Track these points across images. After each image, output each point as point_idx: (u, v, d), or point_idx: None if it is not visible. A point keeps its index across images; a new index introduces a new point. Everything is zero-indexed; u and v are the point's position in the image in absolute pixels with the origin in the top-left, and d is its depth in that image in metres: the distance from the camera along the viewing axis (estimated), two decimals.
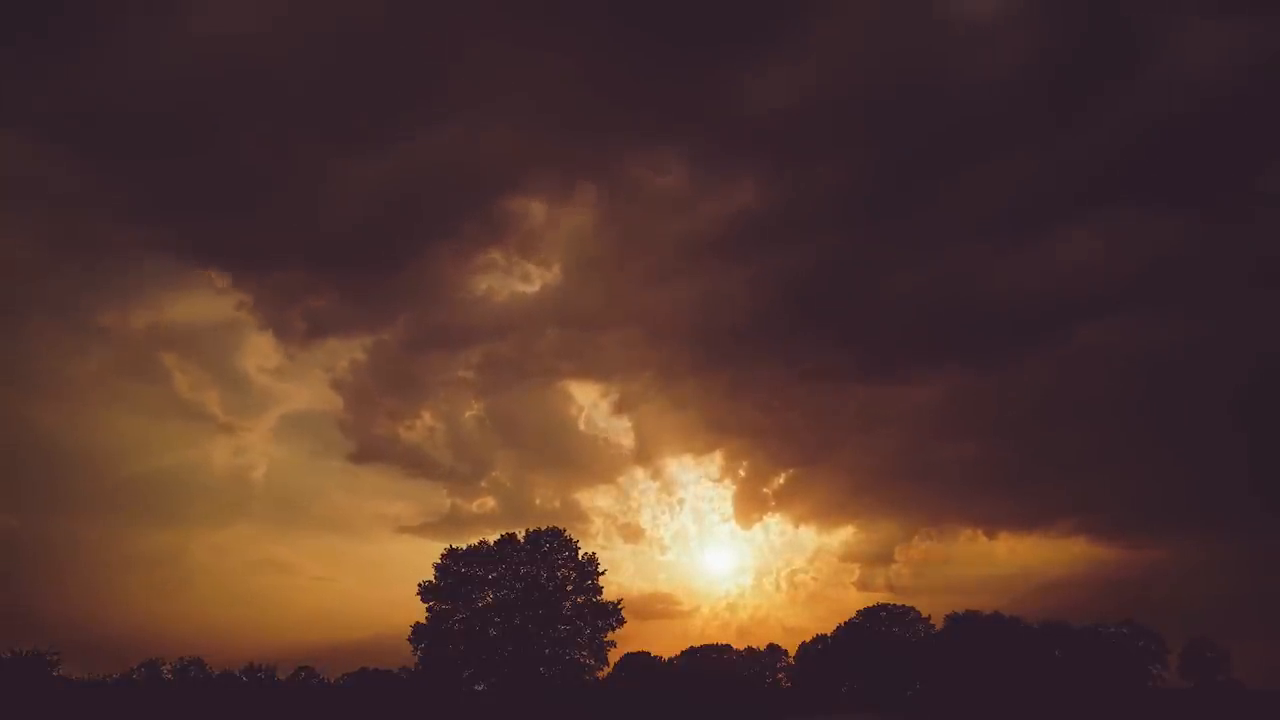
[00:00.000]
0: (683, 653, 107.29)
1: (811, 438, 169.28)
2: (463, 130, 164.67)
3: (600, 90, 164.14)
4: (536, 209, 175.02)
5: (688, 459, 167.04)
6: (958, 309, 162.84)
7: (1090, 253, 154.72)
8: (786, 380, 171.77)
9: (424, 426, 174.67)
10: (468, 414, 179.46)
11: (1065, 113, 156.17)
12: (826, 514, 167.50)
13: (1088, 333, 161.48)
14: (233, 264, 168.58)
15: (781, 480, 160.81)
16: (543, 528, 68.62)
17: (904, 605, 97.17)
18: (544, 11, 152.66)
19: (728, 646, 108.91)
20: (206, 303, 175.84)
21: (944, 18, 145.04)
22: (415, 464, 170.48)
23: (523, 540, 67.77)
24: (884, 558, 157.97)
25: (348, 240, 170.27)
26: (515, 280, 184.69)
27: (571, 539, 68.28)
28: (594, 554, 68.07)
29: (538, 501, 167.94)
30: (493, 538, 68.41)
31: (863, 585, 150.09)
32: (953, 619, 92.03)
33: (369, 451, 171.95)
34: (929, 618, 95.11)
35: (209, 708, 77.69)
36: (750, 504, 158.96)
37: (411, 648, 65.63)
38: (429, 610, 65.59)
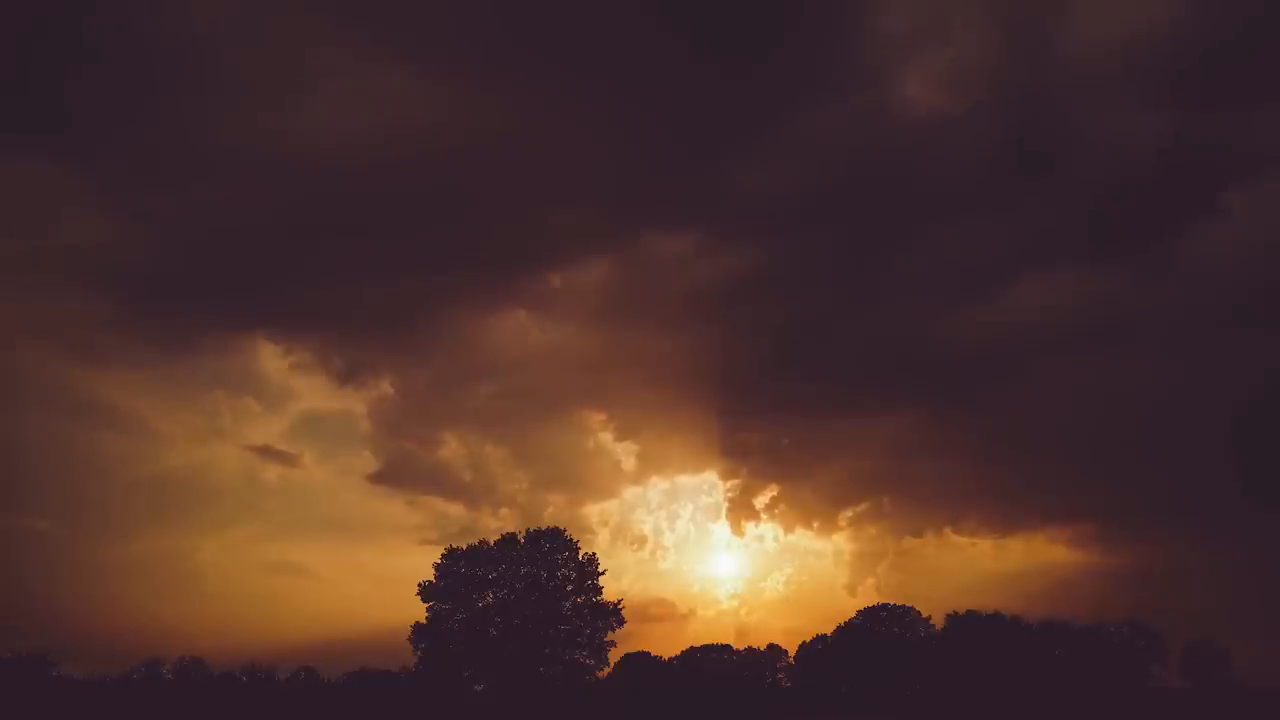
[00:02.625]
0: (682, 653, 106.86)
1: (797, 457, 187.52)
2: (499, 213, 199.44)
3: (617, 175, 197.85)
4: (556, 276, 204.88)
5: (684, 477, 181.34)
6: (920, 352, 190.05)
7: (1036, 303, 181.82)
8: (771, 411, 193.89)
9: (447, 450, 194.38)
10: (486, 440, 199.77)
11: (1014, 186, 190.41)
12: (813, 524, 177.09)
13: (1036, 369, 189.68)
14: (284, 325, 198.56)
15: (770, 494, 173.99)
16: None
17: (904, 605, 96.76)
18: (571, 113, 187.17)
19: (727, 646, 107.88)
20: (261, 354, 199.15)
21: (906, 113, 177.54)
22: (436, 483, 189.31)
23: (523, 540, 67.56)
24: (872, 563, 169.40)
25: (386, 301, 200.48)
26: (534, 330, 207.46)
27: (572, 539, 68.04)
28: (594, 554, 67.85)
29: (548, 513, 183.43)
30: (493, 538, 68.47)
31: (852, 590, 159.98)
32: (953, 619, 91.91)
33: (397, 471, 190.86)
34: (929, 618, 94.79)
35: (209, 708, 77.72)
36: (742, 515, 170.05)
37: (411, 648, 65.63)
38: (429, 610, 65.43)
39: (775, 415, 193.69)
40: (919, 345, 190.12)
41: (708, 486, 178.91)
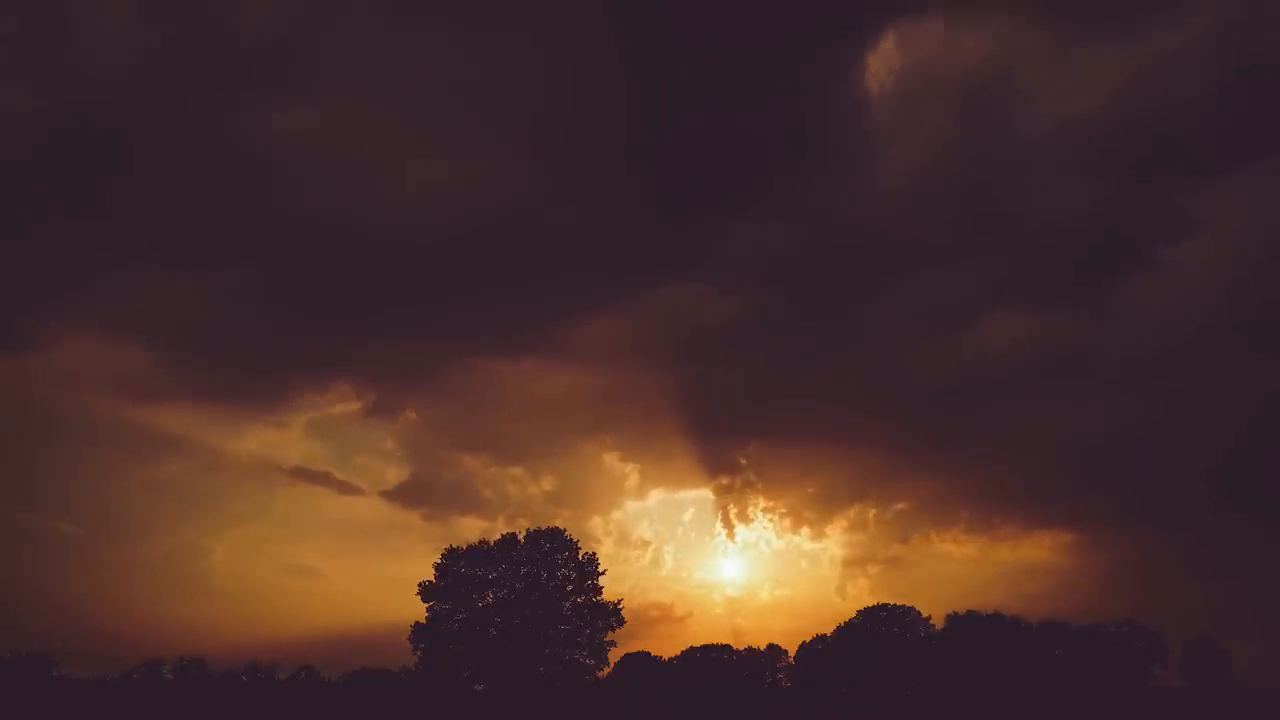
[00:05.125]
0: (682, 653, 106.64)
1: (789, 473, 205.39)
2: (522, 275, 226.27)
3: (627, 234, 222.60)
4: (569, 324, 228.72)
5: (683, 491, 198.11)
6: (898, 381, 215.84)
7: (996, 340, 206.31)
8: (764, 433, 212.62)
9: (465, 470, 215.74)
10: (502, 462, 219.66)
11: (977, 244, 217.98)
12: (803, 531, 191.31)
13: (995, 400, 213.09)
14: (325, 367, 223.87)
15: (761, 505, 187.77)
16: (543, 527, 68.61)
17: (904, 605, 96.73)
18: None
19: (727, 646, 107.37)
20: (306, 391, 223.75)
21: (886, 182, 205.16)
22: (455, 498, 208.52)
23: (523, 540, 67.51)
24: (861, 567, 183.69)
25: (418, 348, 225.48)
26: (550, 371, 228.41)
27: (572, 539, 67.95)
28: (594, 554, 67.74)
29: (557, 523, 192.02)
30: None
31: (842, 593, 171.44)
32: (952, 619, 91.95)
33: (420, 487, 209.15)
34: (929, 618, 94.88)
35: (209, 708, 77.78)
36: (734, 524, 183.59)
37: (411, 647, 65.58)
38: (429, 610, 65.34)
39: (767, 436, 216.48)
40: (898, 376, 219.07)
41: (704, 499, 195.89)
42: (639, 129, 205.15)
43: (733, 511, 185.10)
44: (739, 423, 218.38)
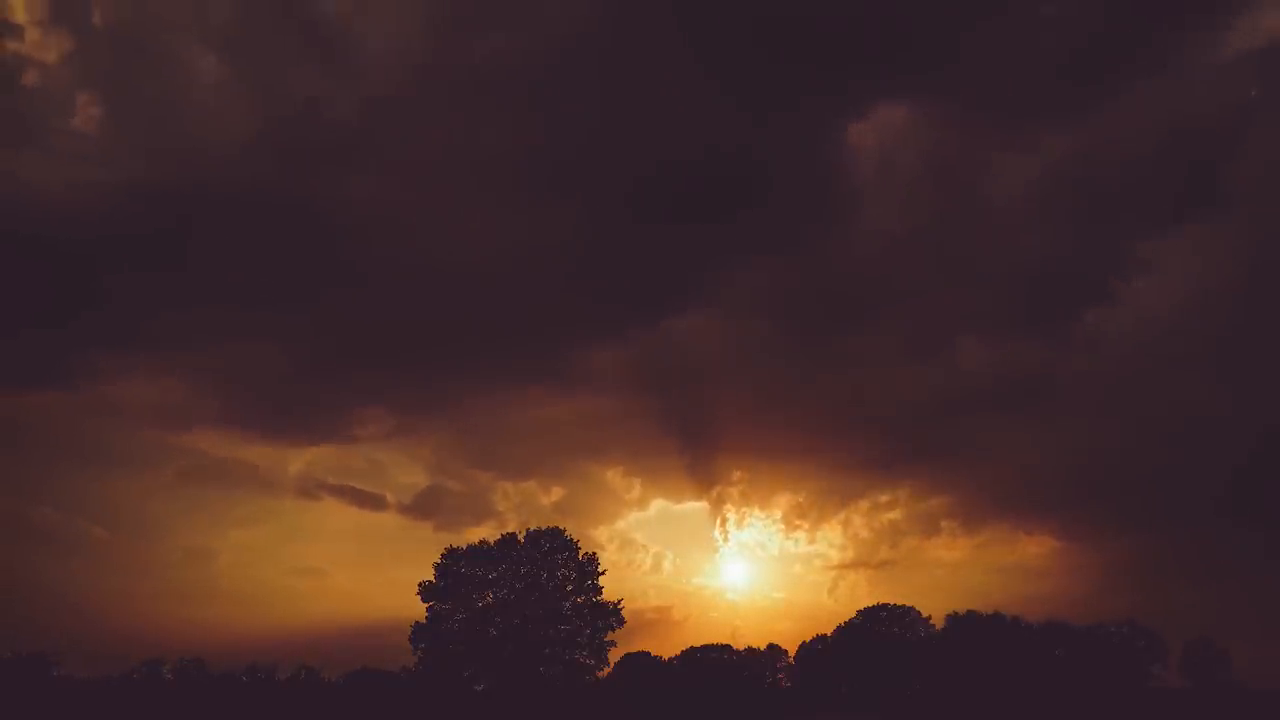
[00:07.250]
0: (682, 653, 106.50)
1: (779, 484, 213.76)
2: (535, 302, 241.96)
3: (629, 273, 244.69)
4: (576, 354, 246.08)
5: (682, 503, 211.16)
6: (878, 404, 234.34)
7: (968, 365, 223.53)
8: (757, 449, 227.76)
9: (478, 485, 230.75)
10: (514, 477, 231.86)
11: (951, 281, 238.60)
12: (795, 536, 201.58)
13: (971, 420, 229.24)
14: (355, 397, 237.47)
15: (755, 512, 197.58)
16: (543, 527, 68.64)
17: (904, 605, 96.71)
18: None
19: (727, 646, 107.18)
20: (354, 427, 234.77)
21: (870, 230, 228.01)
22: (470, 509, 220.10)
23: (523, 540, 67.54)
24: (852, 570, 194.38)
25: (433, 380, 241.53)
26: (558, 397, 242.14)
27: (572, 539, 68.02)
28: (594, 554, 67.78)
29: (566, 532, 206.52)
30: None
31: (834, 595, 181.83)
32: (952, 619, 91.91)
33: (438, 500, 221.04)
34: (929, 618, 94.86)
35: (209, 708, 77.78)
36: (730, 530, 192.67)
37: (411, 647, 65.61)
38: (429, 610, 65.37)
39: (761, 451, 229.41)
40: (884, 396, 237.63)
41: (702, 509, 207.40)
42: (641, 181, 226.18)
43: (729, 520, 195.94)
44: (734, 439, 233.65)
